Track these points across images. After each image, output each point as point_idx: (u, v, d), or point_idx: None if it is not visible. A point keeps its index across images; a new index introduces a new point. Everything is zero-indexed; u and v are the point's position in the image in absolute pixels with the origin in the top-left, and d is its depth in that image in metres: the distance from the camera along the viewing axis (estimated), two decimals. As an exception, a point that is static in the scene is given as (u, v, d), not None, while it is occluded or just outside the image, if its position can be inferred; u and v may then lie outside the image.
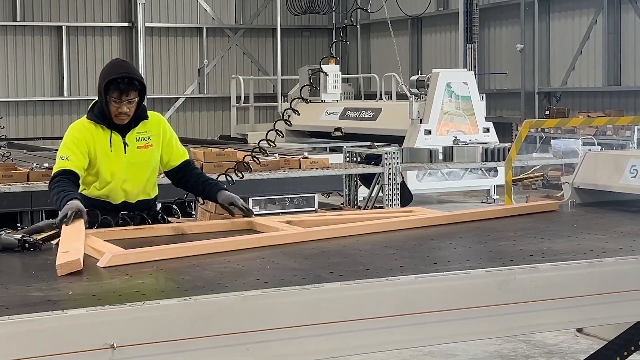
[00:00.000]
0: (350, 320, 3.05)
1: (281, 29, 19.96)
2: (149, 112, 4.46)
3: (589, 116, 16.41)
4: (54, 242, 3.92)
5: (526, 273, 3.36)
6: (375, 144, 16.08)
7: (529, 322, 3.38)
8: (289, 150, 13.94)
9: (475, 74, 16.09)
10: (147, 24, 21.58)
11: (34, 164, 8.93)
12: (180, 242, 3.89)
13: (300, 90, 6.59)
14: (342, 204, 10.77)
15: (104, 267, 3.41)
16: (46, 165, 9.17)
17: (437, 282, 3.22)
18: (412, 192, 12.72)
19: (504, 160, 10.22)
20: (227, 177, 5.79)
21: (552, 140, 10.54)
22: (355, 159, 9.88)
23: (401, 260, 3.55)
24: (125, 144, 4.37)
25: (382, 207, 9.50)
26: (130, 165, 4.38)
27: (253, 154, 6.57)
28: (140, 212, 4.41)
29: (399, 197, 9.36)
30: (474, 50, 18.75)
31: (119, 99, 4.25)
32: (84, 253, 3.56)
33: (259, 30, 23.27)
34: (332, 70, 17.27)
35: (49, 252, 3.78)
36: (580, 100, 17.73)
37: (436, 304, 3.19)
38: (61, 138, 16.33)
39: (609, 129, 13.64)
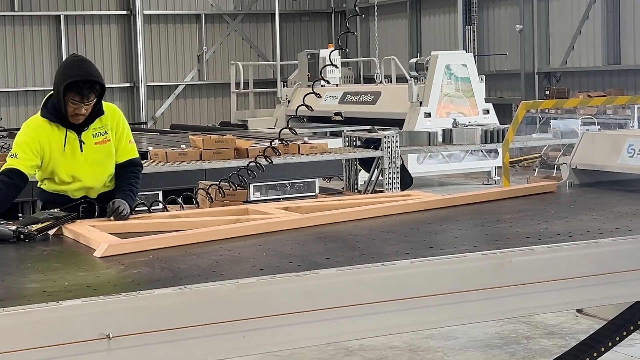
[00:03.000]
0: (346, 305, 3.05)
1: (280, 14, 19.90)
2: (105, 104, 4.30)
3: (589, 95, 16.38)
4: (50, 232, 3.92)
5: (522, 255, 3.36)
6: (376, 127, 16.09)
7: (525, 304, 3.38)
8: (288, 136, 13.96)
9: (474, 56, 16.05)
10: (146, 12, 21.53)
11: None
12: (176, 229, 3.90)
13: (312, 86, 6.65)
14: (342, 188, 10.76)
15: (100, 257, 3.41)
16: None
17: (432, 266, 3.21)
18: (413, 175, 12.71)
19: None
20: (257, 163, 5.81)
21: (551, 121, 10.51)
22: (354, 143, 9.87)
23: (397, 245, 3.55)
24: (81, 142, 4.25)
25: (382, 192, 9.49)
26: (88, 163, 4.27)
27: (273, 145, 6.56)
28: (103, 204, 4.28)
29: (399, 180, 9.35)
30: (473, 31, 18.70)
31: (79, 102, 4.12)
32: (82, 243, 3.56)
33: (258, 15, 23.21)
34: (331, 54, 17.22)
35: (45, 243, 3.78)
36: (580, 80, 17.69)
37: (432, 288, 3.19)
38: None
39: (609, 108, 13.61)
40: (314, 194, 12.98)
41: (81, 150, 4.25)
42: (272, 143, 5.98)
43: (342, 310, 3.04)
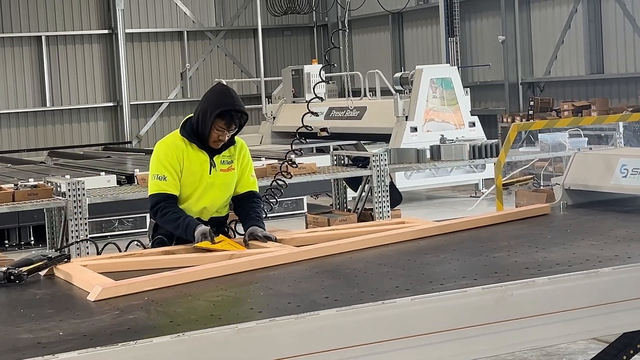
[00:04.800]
0: (348, 347, 3.00)
1: (262, 29, 19.87)
2: (235, 137, 4.59)
3: (573, 105, 16.42)
4: (41, 273, 3.85)
5: (523, 288, 3.32)
6: (362, 142, 16.06)
7: (527, 337, 3.34)
8: (275, 152, 13.90)
9: (458, 68, 16.07)
10: (127, 30, 21.45)
11: (19, 182, 8.82)
12: (169, 266, 3.84)
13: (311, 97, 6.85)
14: (331, 205, 10.71)
15: (94, 301, 3.35)
16: (31, 180, 9.07)
17: (434, 303, 3.17)
18: (401, 190, 12.66)
19: (491, 156, 10.19)
20: (277, 182, 6.19)
21: (539, 134, 10.50)
22: (342, 161, 9.82)
23: (396, 280, 3.50)
24: (212, 165, 4.50)
25: (371, 209, 9.44)
26: (212, 186, 4.52)
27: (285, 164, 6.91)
28: (212, 228, 4.46)
29: (388, 198, 9.30)
30: (456, 43, 18.70)
31: (225, 129, 4.41)
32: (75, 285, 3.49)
33: (240, 31, 23.18)
34: (315, 69, 17.21)
35: (36, 286, 3.71)
36: (564, 90, 17.72)
37: (434, 325, 3.14)
38: (45, 149, 16.21)
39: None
40: (302, 211, 12.98)
41: (210, 173, 4.50)
42: (281, 167, 6.34)
43: (344, 351, 2.99)
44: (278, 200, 6.30)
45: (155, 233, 4.57)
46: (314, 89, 7.90)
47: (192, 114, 4.56)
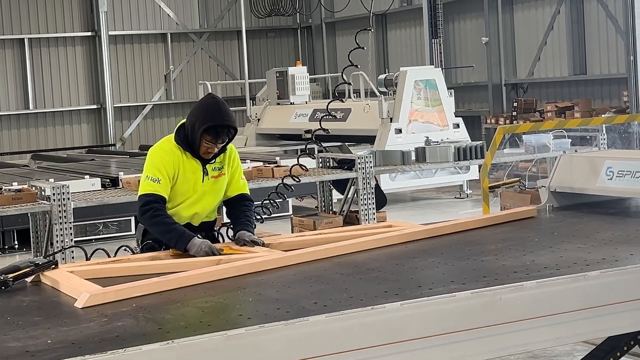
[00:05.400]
0: (337, 352, 3.00)
1: (246, 30, 19.84)
2: None
3: (557, 106, 16.48)
4: (28, 279, 3.83)
5: (511, 292, 3.33)
6: (346, 144, 16.06)
7: (516, 341, 3.35)
8: (260, 155, 13.88)
9: (442, 69, 16.10)
10: (111, 32, 21.35)
11: (3, 186, 8.76)
12: (156, 272, 3.82)
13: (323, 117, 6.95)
14: (316, 207, 10.70)
15: (81, 308, 3.33)
16: (15, 184, 9.02)
17: (423, 308, 3.17)
18: (386, 192, 12.70)
19: (476, 158, 10.21)
20: (285, 185, 6.32)
21: (523, 136, 10.52)
22: (328, 164, 9.82)
23: (385, 285, 3.50)
24: (204, 173, 4.53)
25: (357, 211, 9.44)
26: (204, 193, 4.55)
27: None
28: (201, 232, 4.53)
29: (373, 200, 9.30)
30: (440, 45, 18.74)
31: (213, 144, 4.43)
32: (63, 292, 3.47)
33: (224, 33, 23.13)
34: (299, 71, 17.22)
35: (23, 292, 3.69)
36: (547, 91, 17.79)
37: (423, 330, 3.14)
38: (29, 152, 16.09)
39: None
40: (288, 214, 12.96)
41: (202, 181, 4.53)
42: (292, 170, 6.43)
43: (334, 357, 2.99)
44: (279, 204, 6.31)
45: (144, 238, 4.55)
46: (335, 90, 7.91)
47: (185, 120, 4.56)
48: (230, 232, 4.74)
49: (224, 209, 4.85)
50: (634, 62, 14.78)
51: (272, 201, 5.99)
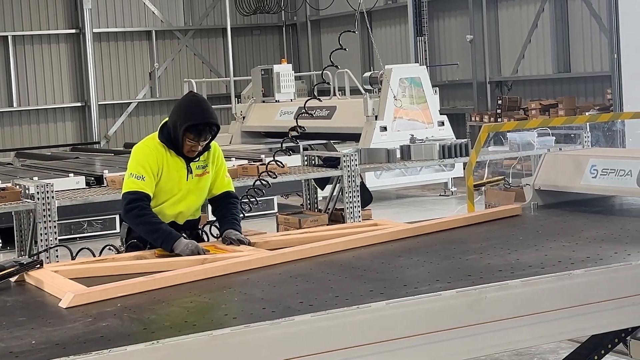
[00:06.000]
0: (323, 352, 2.99)
1: (231, 28, 19.80)
2: None
3: (541, 104, 16.53)
4: (12, 279, 3.81)
5: (497, 291, 3.33)
6: (332, 141, 16.06)
7: (501, 340, 3.35)
8: (245, 153, 13.85)
9: (426, 67, 16.13)
10: (95, 30, 21.26)
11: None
12: (141, 271, 3.81)
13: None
14: (301, 205, 10.70)
15: (66, 308, 3.31)
16: (-1, 183, 8.97)
17: (408, 307, 3.17)
18: (371, 189, 12.66)
19: (460, 156, 10.24)
20: (262, 181, 6.25)
21: (507, 134, 10.55)
22: (313, 161, 9.81)
23: (370, 284, 3.50)
24: (189, 171, 4.51)
25: (342, 209, 9.44)
26: (189, 191, 4.54)
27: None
28: (185, 230, 4.52)
29: (359, 198, 9.30)
30: (425, 42, 18.75)
31: (196, 142, 4.40)
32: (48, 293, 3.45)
33: (209, 30, 23.07)
34: (285, 69, 17.21)
35: (7, 292, 3.67)
36: (531, 89, 17.85)
37: (409, 329, 3.14)
38: (13, 150, 15.98)
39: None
40: (273, 212, 12.95)
41: (187, 180, 4.52)
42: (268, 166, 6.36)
43: (320, 357, 2.98)
44: (258, 200, 6.32)
45: (128, 237, 4.54)
46: (314, 89, 7.94)
47: (168, 119, 4.54)
48: (215, 231, 4.73)
49: (209, 207, 4.84)
50: (617, 60, 14.84)
51: (249, 198, 5.98)
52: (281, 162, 7.61)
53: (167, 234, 4.29)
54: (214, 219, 4.79)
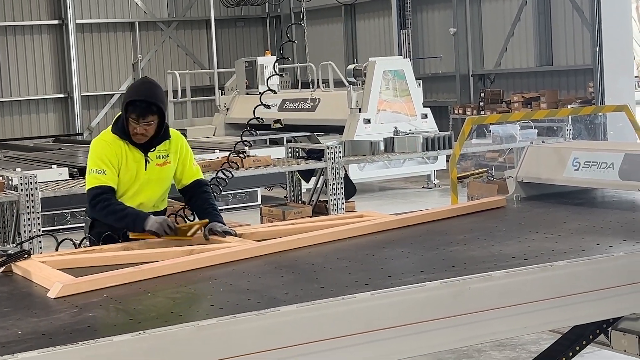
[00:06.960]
0: (309, 342, 3.02)
1: (215, 20, 19.76)
2: (170, 130, 4.57)
3: (523, 96, 16.61)
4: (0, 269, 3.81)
5: (480, 282, 3.36)
6: (315, 134, 16.08)
7: (485, 330, 3.39)
8: (228, 144, 13.85)
9: (410, 59, 16.17)
10: (78, 21, 21.18)
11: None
12: (129, 262, 3.82)
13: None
14: (285, 196, 10.72)
15: (53, 298, 3.32)
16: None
17: (393, 297, 3.19)
18: (355, 181, 12.72)
19: (444, 148, 10.28)
20: (224, 172, 6.15)
21: (490, 126, 10.61)
22: (297, 154, 9.83)
23: (355, 275, 3.53)
24: (147, 161, 4.49)
25: (326, 201, 9.47)
26: (148, 182, 4.52)
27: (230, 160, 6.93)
28: None
29: (342, 190, 9.33)
30: (408, 35, 18.80)
31: (137, 121, 4.36)
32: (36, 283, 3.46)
33: (192, 22, 23.02)
34: (268, 61, 17.19)
35: (-7, 283, 3.67)
36: (514, 81, 17.92)
37: (394, 320, 3.17)
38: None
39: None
40: (256, 203, 12.97)
41: (145, 169, 4.49)
42: (229, 158, 6.35)
43: (305, 347, 3.01)
44: (222, 191, 6.27)
45: (91, 231, 4.51)
46: (267, 81, 7.93)
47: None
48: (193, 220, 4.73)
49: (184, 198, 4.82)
50: (599, 54, 14.93)
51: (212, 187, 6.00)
52: (244, 153, 7.60)
53: (135, 216, 4.32)
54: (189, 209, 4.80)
